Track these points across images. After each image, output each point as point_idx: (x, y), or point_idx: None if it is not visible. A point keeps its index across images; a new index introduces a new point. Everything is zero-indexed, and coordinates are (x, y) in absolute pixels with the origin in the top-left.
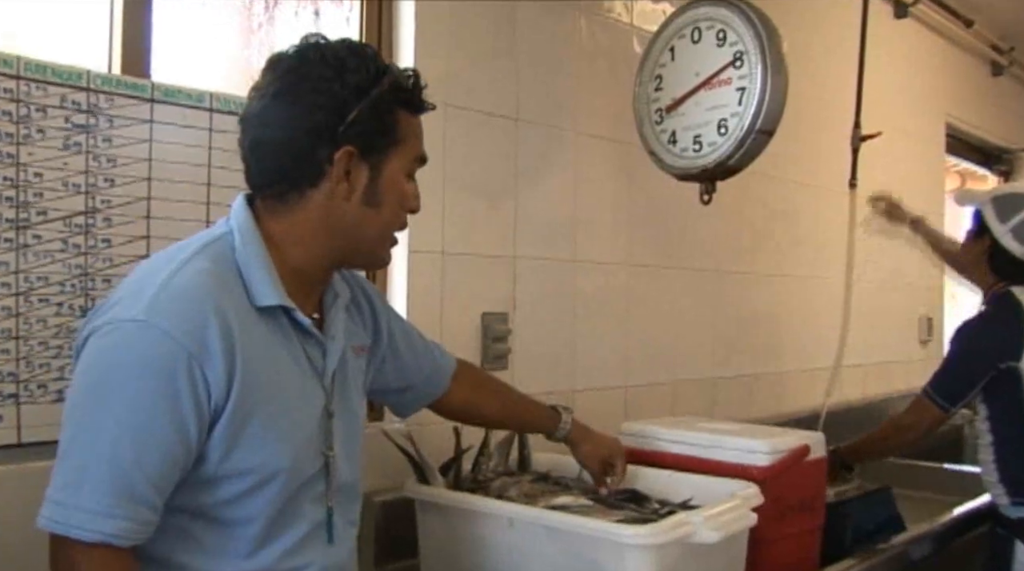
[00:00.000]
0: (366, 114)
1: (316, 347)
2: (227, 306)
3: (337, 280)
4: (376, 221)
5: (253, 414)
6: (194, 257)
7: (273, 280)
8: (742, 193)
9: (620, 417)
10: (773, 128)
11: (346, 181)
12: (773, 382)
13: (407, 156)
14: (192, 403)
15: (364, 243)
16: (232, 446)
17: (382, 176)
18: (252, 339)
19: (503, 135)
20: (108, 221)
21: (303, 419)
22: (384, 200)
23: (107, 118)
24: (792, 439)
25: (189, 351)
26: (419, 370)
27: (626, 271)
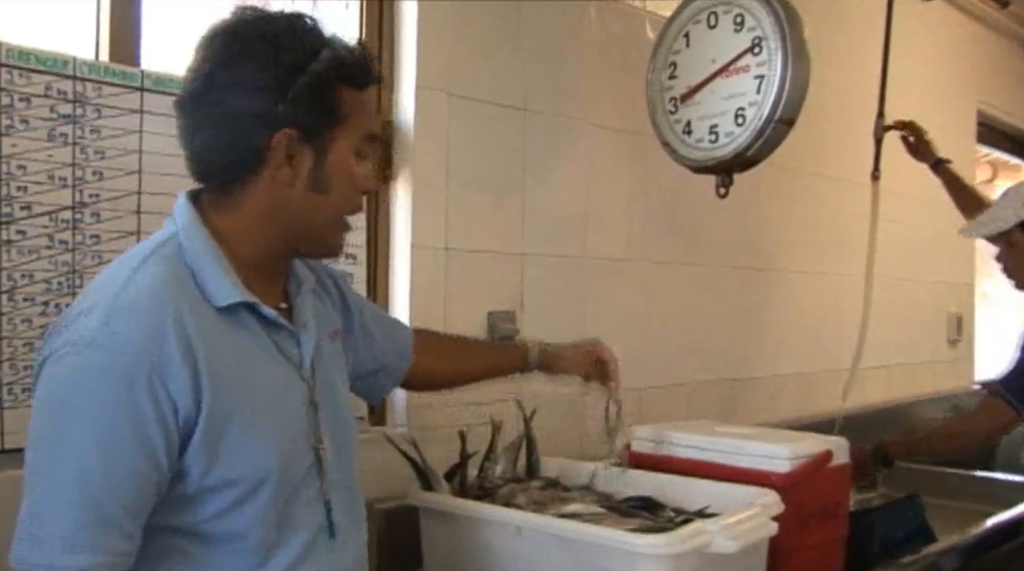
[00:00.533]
0: (305, 93)
1: (288, 338)
2: (184, 312)
3: (298, 265)
4: (324, 207)
5: (230, 419)
6: (143, 266)
7: (228, 277)
8: (760, 186)
9: (633, 420)
10: (793, 117)
11: (288, 166)
12: (794, 384)
13: (354, 135)
14: (157, 420)
15: (313, 231)
16: (213, 457)
17: (327, 159)
18: (217, 342)
19: (510, 126)
20: (96, 216)
21: (286, 415)
22: (331, 184)
23: (95, 108)
24: (814, 444)
25: (146, 365)
26: (389, 347)
27: (639, 268)
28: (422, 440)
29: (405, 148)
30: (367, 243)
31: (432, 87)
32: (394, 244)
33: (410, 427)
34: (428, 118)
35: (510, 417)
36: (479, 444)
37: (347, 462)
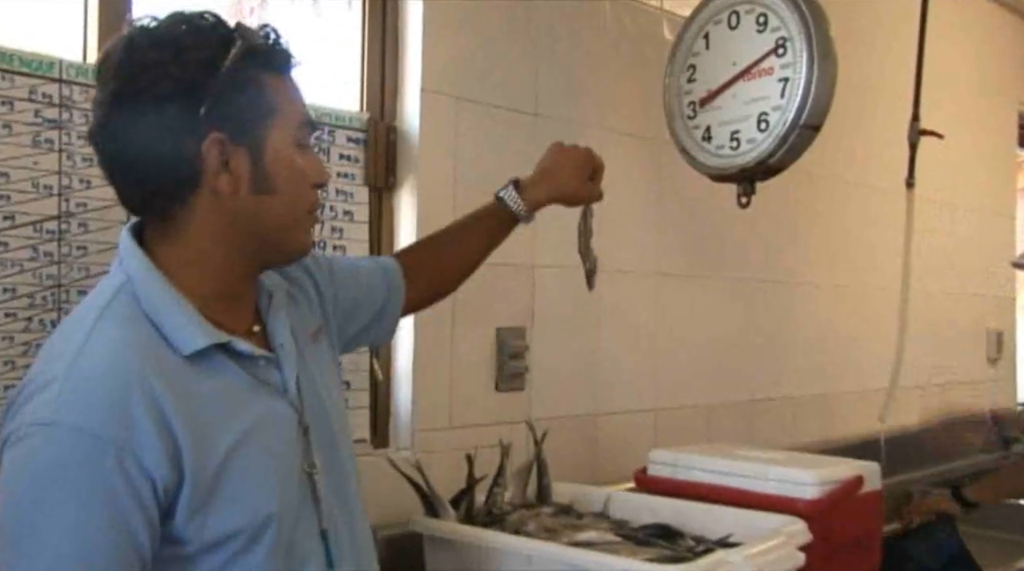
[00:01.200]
0: (223, 90)
1: (268, 365)
2: (148, 373)
3: (265, 276)
4: (276, 208)
5: (221, 472)
6: (96, 327)
7: (191, 319)
8: (785, 195)
9: (649, 443)
10: (820, 122)
11: (226, 173)
12: (820, 405)
13: (288, 124)
14: (133, 501)
15: (275, 235)
16: (207, 516)
17: (265, 155)
18: (191, 395)
19: (520, 131)
20: (84, 226)
21: (279, 448)
22: (277, 182)
23: (82, 113)
24: (843, 469)
25: (114, 443)
26: (379, 292)
27: (656, 281)
28: (427, 463)
29: (410, 154)
30: (370, 253)
31: (438, 90)
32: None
33: (414, 450)
34: (434, 123)
35: (520, 439)
36: (487, 468)
37: (345, 481)
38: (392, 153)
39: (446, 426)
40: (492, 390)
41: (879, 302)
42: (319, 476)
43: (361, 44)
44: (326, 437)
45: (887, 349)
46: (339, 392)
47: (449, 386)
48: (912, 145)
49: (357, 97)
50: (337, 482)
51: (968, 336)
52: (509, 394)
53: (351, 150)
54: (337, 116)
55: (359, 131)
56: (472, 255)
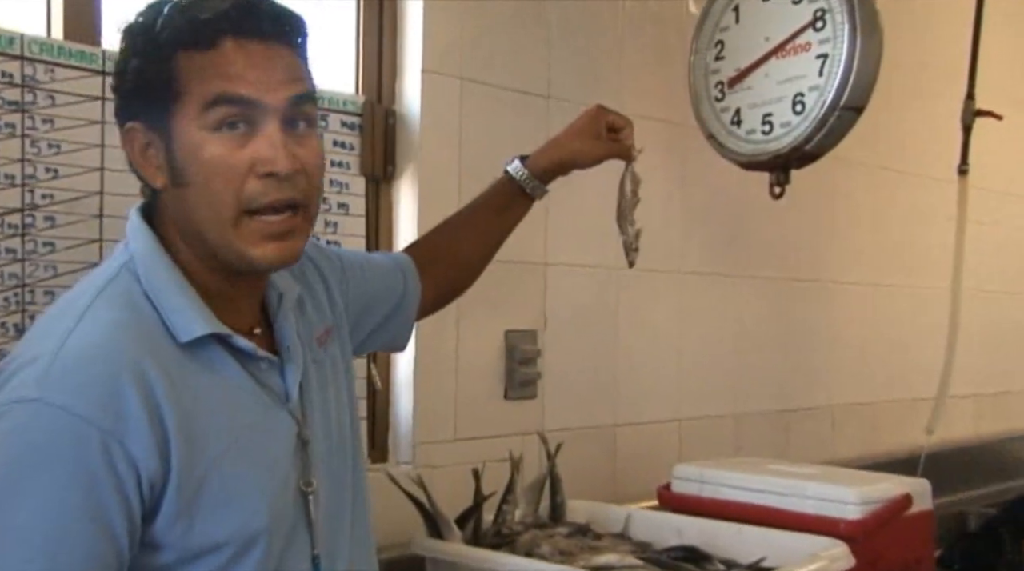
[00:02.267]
0: (134, 78)
1: (269, 368)
2: (143, 358)
3: (278, 277)
4: (194, 203)
5: (209, 475)
6: (92, 306)
7: (193, 305)
8: (823, 184)
9: (673, 458)
10: (862, 103)
11: (149, 165)
12: (863, 415)
13: (194, 106)
14: (115, 492)
15: (206, 233)
16: (193, 519)
17: (175, 145)
18: (186, 387)
19: (531, 116)
20: (51, 220)
21: (274, 459)
22: (188, 174)
23: (47, 94)
24: (889, 486)
25: (101, 427)
26: (395, 288)
27: (679, 280)
28: (430, 479)
29: (410, 142)
30: (366, 249)
31: (441, 71)
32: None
33: (416, 465)
34: (436, 107)
35: (531, 453)
36: (496, 484)
37: (347, 506)
38: (391, 139)
39: (450, 438)
40: (501, 399)
41: (928, 302)
42: (316, 496)
43: (356, 19)
44: (328, 455)
45: (937, 355)
46: (350, 405)
47: (454, 394)
48: (966, 128)
49: (352, 78)
50: (338, 505)
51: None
52: (519, 403)
53: (346, 136)
54: (330, 99)
55: (354, 115)
56: (487, 240)
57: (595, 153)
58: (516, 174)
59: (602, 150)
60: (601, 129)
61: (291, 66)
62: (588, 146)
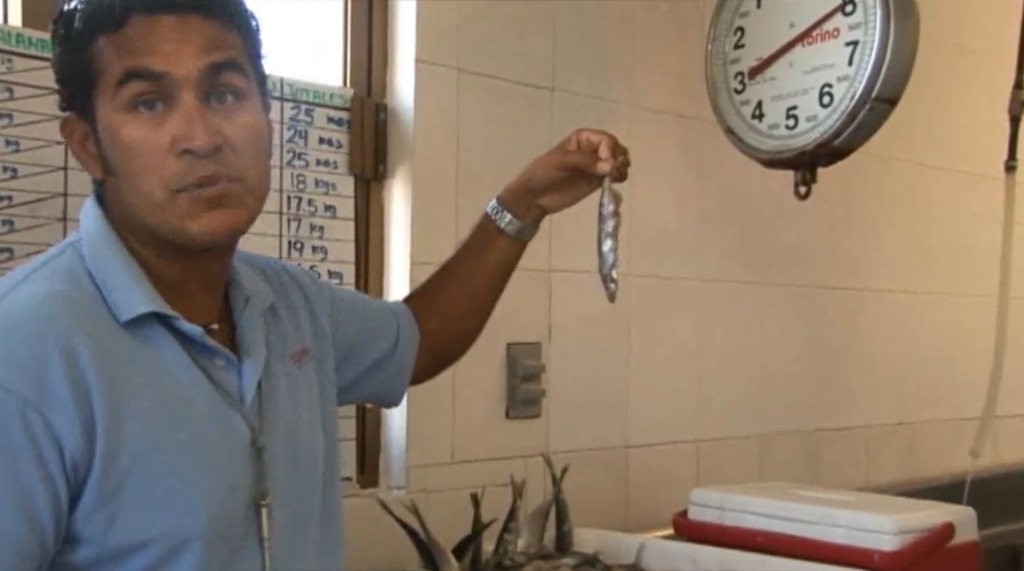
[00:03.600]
0: (61, 68)
1: (225, 366)
2: (75, 331)
3: (248, 278)
4: (129, 191)
5: (135, 466)
6: (28, 279)
7: (138, 282)
8: (853, 183)
9: (690, 482)
10: (896, 94)
11: (87, 155)
12: (901, 437)
13: (108, 87)
14: (36, 465)
15: (145, 219)
16: (114, 514)
17: (99, 133)
18: (121, 368)
19: (535, 110)
20: (9, 224)
21: (218, 460)
22: (114, 161)
23: (4, 86)
24: (930, 515)
25: (22, 396)
26: (387, 334)
27: (696, 288)
28: (424, 505)
29: (402, 138)
30: (355, 258)
31: (437, 61)
32: (389, 260)
33: (409, 489)
34: (432, 100)
35: (536, 477)
36: (496, 511)
37: (311, 525)
38: (382, 136)
39: (447, 461)
40: (502, 418)
41: (972, 312)
42: (270, 511)
43: (344, 5)
44: (292, 470)
45: (982, 370)
46: (327, 426)
47: (451, 413)
48: (1014, 119)
49: (339, 69)
50: (302, 525)
51: None
52: (522, 422)
53: (333, 133)
54: (315, 92)
55: (342, 110)
56: (473, 287)
57: (552, 160)
58: (489, 210)
59: (561, 157)
60: (571, 144)
61: (208, 35)
62: (548, 156)
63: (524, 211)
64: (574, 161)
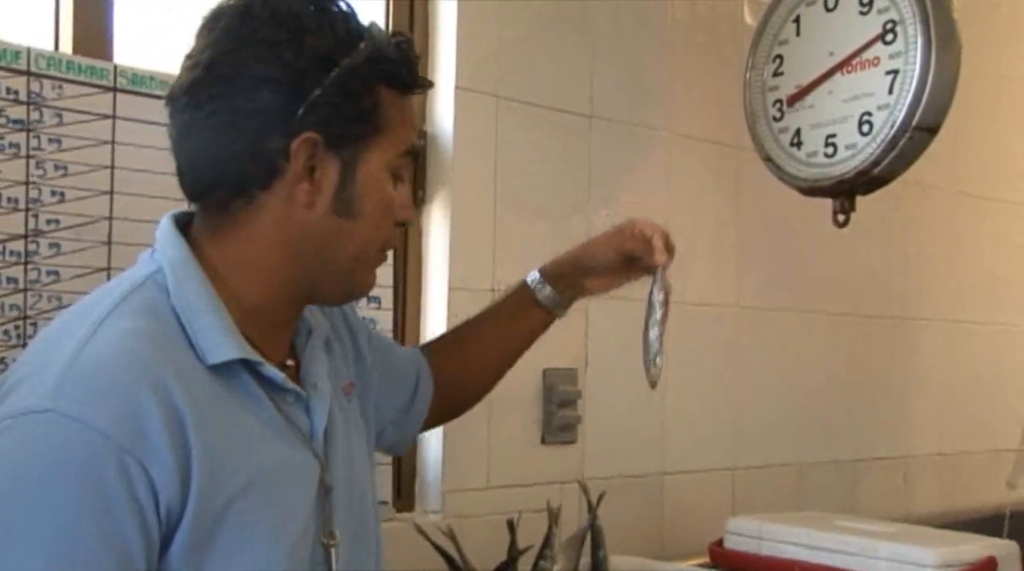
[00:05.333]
0: (334, 92)
1: (296, 404)
2: (167, 375)
3: (309, 309)
4: (352, 236)
5: (226, 512)
6: (113, 313)
7: (225, 327)
8: (892, 211)
9: (726, 510)
10: (937, 123)
11: (308, 181)
12: (941, 467)
13: (392, 149)
14: (132, 515)
15: (337, 266)
16: (203, 561)
17: (358, 175)
18: (210, 412)
19: (573, 136)
20: (56, 247)
21: (296, 503)
22: (362, 207)
23: (54, 112)
24: (972, 548)
25: (120, 444)
26: (409, 378)
27: (734, 315)
28: (460, 531)
29: (442, 164)
30: (394, 284)
31: (476, 88)
32: (427, 285)
33: (445, 514)
34: (471, 127)
35: (571, 503)
36: (532, 537)
37: (368, 561)
38: (421, 162)
39: (483, 486)
40: (538, 444)
41: (1014, 342)
42: (337, 549)
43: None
44: (351, 505)
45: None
46: (369, 463)
47: (487, 439)
48: None
49: None
50: (360, 561)
51: None
52: (558, 448)
53: None
54: None
55: None
56: (496, 346)
57: (612, 243)
58: (528, 278)
59: (620, 241)
60: (628, 231)
61: None
62: (604, 239)
63: (566, 287)
64: (631, 247)
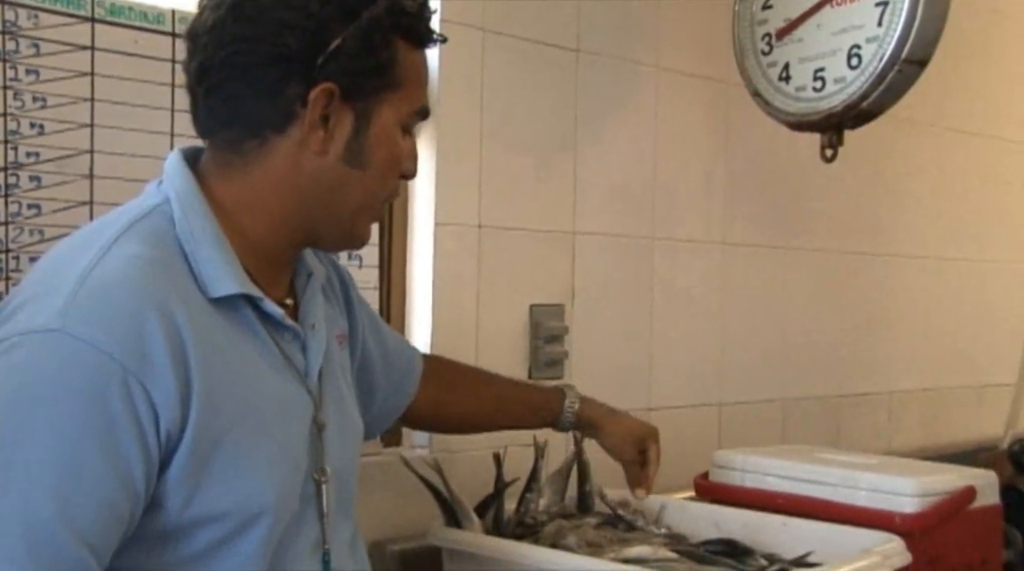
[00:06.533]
0: (354, 43)
1: (293, 342)
2: (172, 301)
3: (308, 254)
4: (359, 186)
5: (222, 438)
6: (120, 239)
7: (228, 260)
8: (881, 146)
9: (712, 444)
10: (927, 55)
11: (323, 129)
12: (924, 403)
13: (406, 104)
14: (134, 434)
15: (340, 212)
16: (198, 484)
17: (371, 126)
18: (211, 341)
19: (559, 71)
20: (36, 181)
21: (289, 437)
22: (371, 158)
23: (31, 42)
24: (952, 478)
25: (124, 365)
26: (390, 372)
27: (721, 252)
28: (447, 464)
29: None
30: (380, 221)
31: (461, 22)
32: (413, 221)
33: (432, 448)
34: (456, 62)
35: (558, 438)
36: (519, 470)
37: (349, 497)
38: None
39: None
40: (525, 379)
41: (1002, 278)
42: (328, 485)
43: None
44: (341, 444)
45: (1012, 337)
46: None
47: None
48: None
49: None
50: (345, 498)
51: None
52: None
53: None
54: None
55: None
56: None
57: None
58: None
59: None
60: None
61: None
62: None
63: (582, 428)
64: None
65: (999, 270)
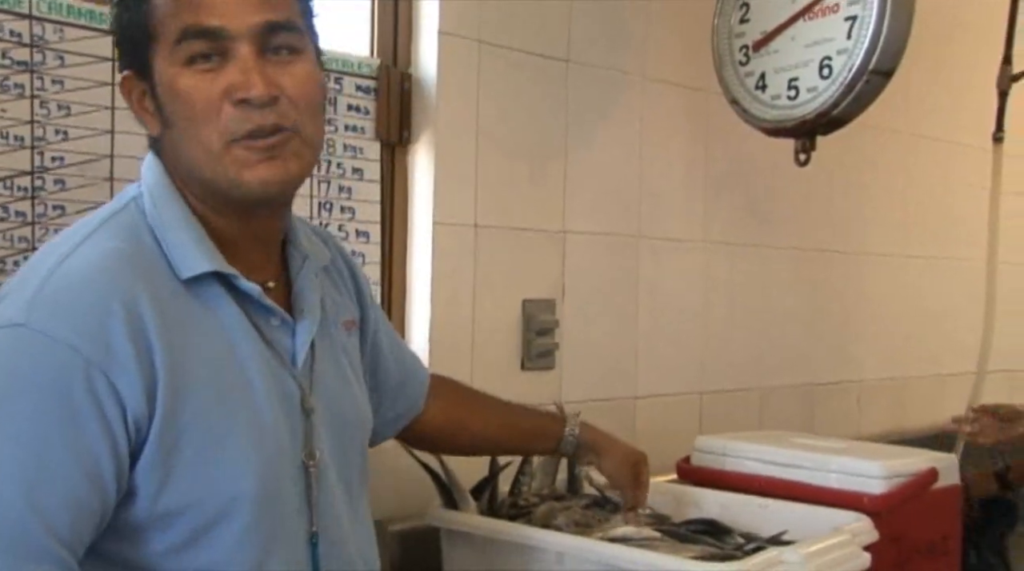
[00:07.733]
0: (119, 24)
1: (280, 326)
2: (139, 290)
3: (306, 236)
4: (188, 142)
5: (192, 426)
6: (93, 235)
7: (198, 240)
8: (851, 152)
9: (693, 430)
10: (892, 67)
11: (143, 112)
12: (891, 391)
13: (167, 44)
14: (99, 425)
15: (203, 171)
16: (168, 474)
17: (156, 87)
18: (181, 327)
19: (550, 80)
20: (61, 183)
21: (269, 423)
22: (172, 115)
23: (56, 54)
24: (915, 461)
25: (87, 357)
26: (396, 380)
27: (702, 250)
28: None
29: (426, 106)
30: (382, 219)
31: (458, 33)
32: (413, 221)
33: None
34: (453, 70)
35: None
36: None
37: (357, 486)
38: (406, 104)
39: None
40: (517, 369)
41: (962, 275)
42: (318, 470)
43: None
44: (337, 429)
45: (971, 330)
46: (365, 395)
47: (469, 364)
48: (1002, 93)
49: (367, 40)
50: (346, 486)
51: None
52: (537, 374)
53: (360, 100)
54: (344, 62)
55: (369, 79)
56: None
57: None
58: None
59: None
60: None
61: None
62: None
63: (582, 455)
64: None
65: (959, 267)
